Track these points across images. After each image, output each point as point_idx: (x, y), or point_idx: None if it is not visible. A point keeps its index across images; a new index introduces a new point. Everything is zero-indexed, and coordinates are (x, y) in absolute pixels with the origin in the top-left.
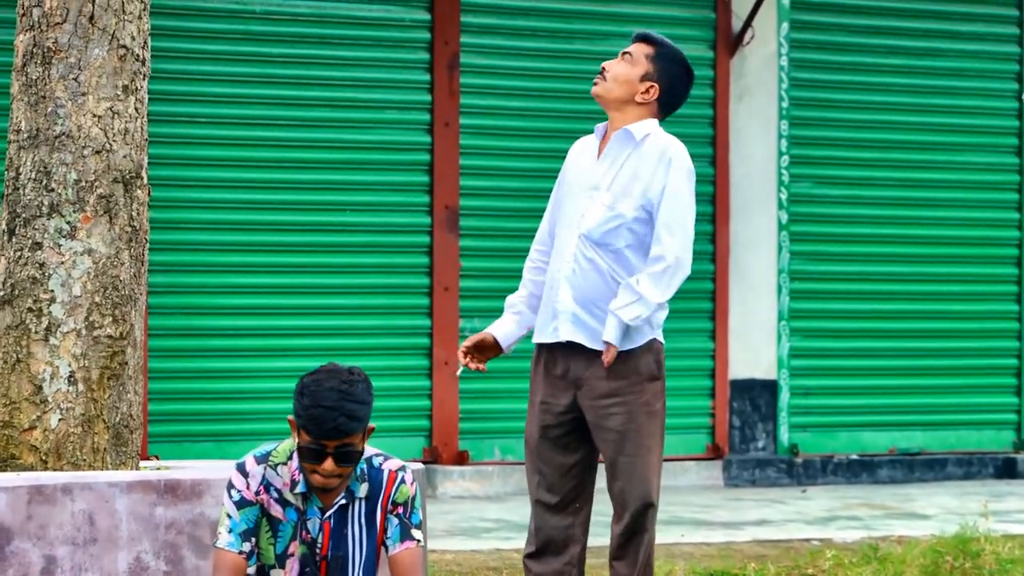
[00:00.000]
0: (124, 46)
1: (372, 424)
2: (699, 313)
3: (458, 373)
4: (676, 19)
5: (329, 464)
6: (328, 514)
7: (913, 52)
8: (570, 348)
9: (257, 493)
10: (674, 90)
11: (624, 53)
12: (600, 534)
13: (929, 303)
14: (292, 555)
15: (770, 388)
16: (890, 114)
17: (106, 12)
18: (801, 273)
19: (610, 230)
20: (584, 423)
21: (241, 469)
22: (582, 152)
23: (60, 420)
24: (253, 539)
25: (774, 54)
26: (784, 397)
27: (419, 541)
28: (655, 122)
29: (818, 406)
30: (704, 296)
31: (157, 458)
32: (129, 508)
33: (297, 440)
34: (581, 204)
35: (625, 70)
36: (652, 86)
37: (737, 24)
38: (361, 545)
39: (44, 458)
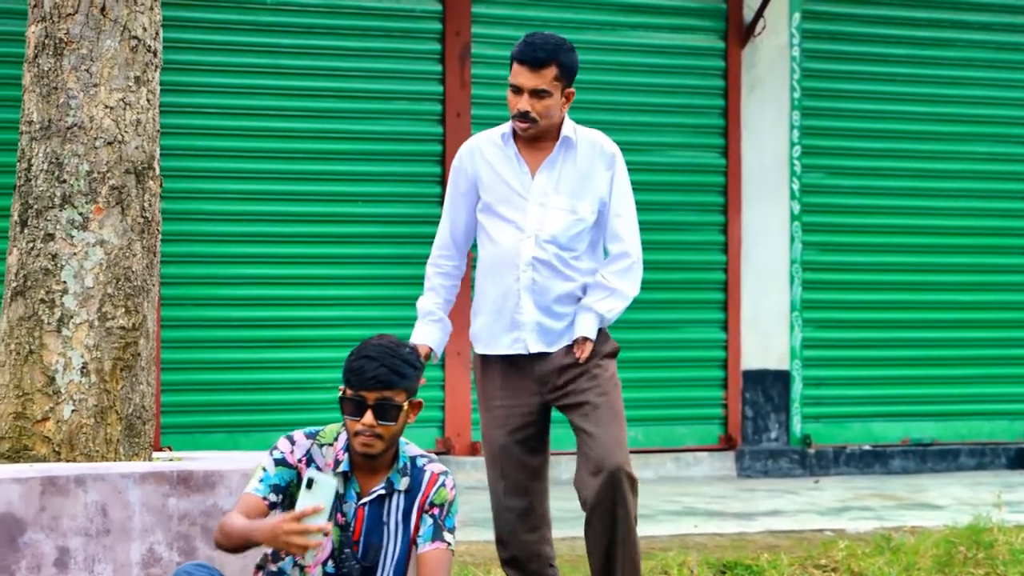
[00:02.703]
0: (136, 37)
1: (420, 399)
2: (711, 303)
3: None
4: (687, 9)
5: (369, 417)
6: (364, 500)
7: (924, 42)
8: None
9: (299, 460)
10: (576, 72)
11: (534, 92)
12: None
13: (941, 293)
14: (327, 535)
15: (783, 379)
16: (901, 104)
17: (117, 3)
18: (813, 263)
19: (575, 234)
20: (546, 425)
21: (289, 437)
22: (495, 158)
23: (73, 411)
24: (280, 496)
25: (785, 44)
26: (797, 388)
27: (449, 544)
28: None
29: (831, 396)
30: (716, 286)
31: (170, 449)
32: (142, 499)
33: (342, 394)
34: (533, 212)
35: (549, 103)
36: (570, 92)
37: (748, 14)
38: (395, 540)
39: (57, 449)
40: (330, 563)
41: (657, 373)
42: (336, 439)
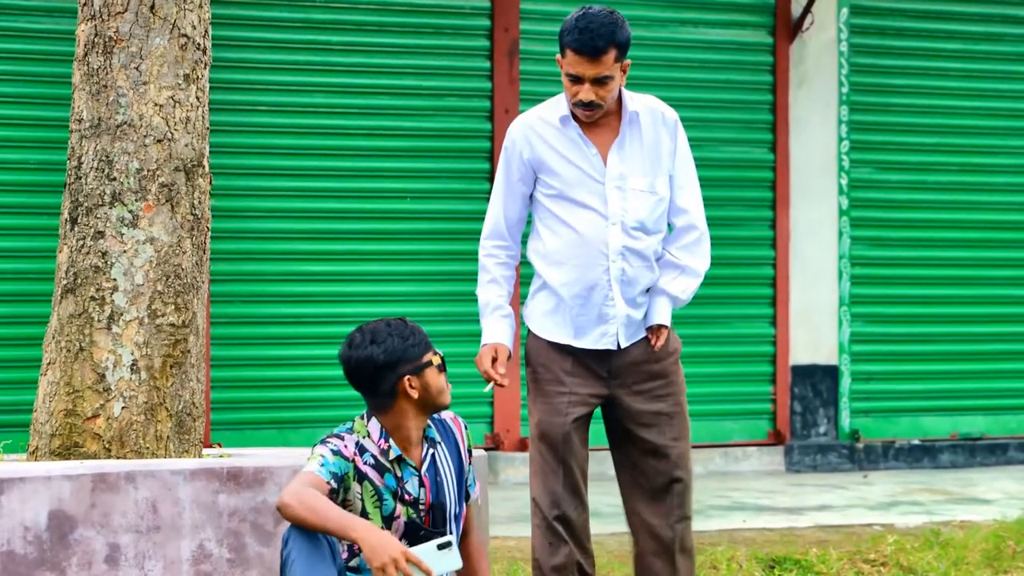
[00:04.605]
0: (185, 35)
1: None
2: (760, 299)
3: (486, 390)
4: (735, 5)
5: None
6: (424, 468)
7: (973, 37)
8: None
9: (353, 454)
10: (631, 42)
11: (596, 80)
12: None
13: (990, 288)
14: (399, 517)
15: (831, 373)
16: (950, 99)
17: (167, 1)
18: (862, 258)
19: (659, 216)
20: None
21: (335, 434)
22: (557, 141)
23: (123, 408)
24: (338, 484)
25: (833, 40)
26: (845, 382)
27: (476, 495)
28: None
29: (879, 391)
30: (765, 282)
31: (220, 446)
32: (192, 496)
33: (432, 363)
34: (613, 197)
35: (611, 86)
36: (627, 64)
37: (796, 10)
38: (454, 495)
39: (107, 446)
40: (404, 542)
41: (706, 368)
42: (368, 433)
